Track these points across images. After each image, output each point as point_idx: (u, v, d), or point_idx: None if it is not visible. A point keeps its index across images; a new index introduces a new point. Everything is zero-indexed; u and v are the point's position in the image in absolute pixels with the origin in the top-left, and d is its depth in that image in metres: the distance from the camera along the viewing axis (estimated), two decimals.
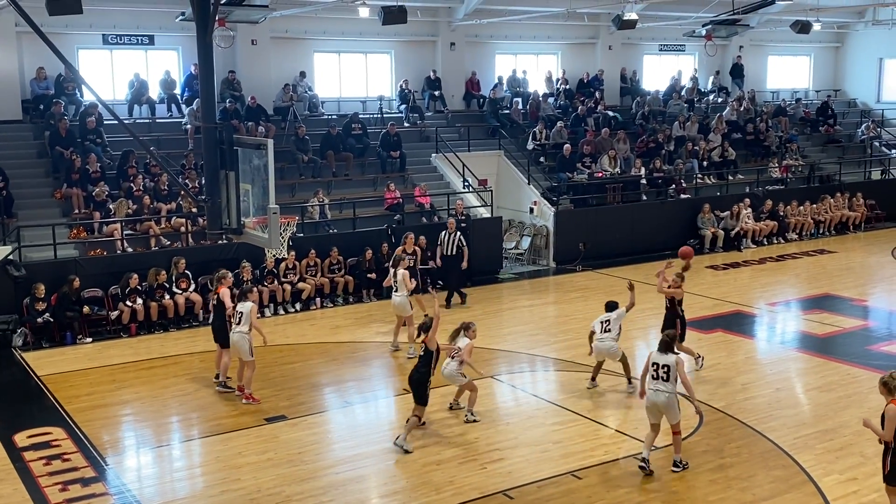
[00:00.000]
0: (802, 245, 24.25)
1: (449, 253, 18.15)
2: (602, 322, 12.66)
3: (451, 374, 11.50)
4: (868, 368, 13.70)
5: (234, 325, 12.51)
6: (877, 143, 29.68)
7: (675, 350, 10.26)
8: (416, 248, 17.42)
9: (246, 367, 12.49)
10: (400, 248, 16.83)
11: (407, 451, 10.60)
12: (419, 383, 10.80)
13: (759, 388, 13.02)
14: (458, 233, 18.31)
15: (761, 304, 17.99)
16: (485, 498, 9.54)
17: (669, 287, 13.25)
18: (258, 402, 12.36)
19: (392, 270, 14.83)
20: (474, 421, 11.52)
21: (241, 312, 12.43)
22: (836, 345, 15.25)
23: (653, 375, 9.99)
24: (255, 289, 14.71)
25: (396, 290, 14.52)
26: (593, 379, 13.01)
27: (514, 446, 10.93)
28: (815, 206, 25.59)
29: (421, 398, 10.84)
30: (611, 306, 12.87)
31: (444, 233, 18.31)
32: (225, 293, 12.78)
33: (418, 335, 11.41)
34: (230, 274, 13.50)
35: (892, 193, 28.10)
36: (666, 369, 9.89)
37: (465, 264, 18.23)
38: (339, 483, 10.00)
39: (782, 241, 24.46)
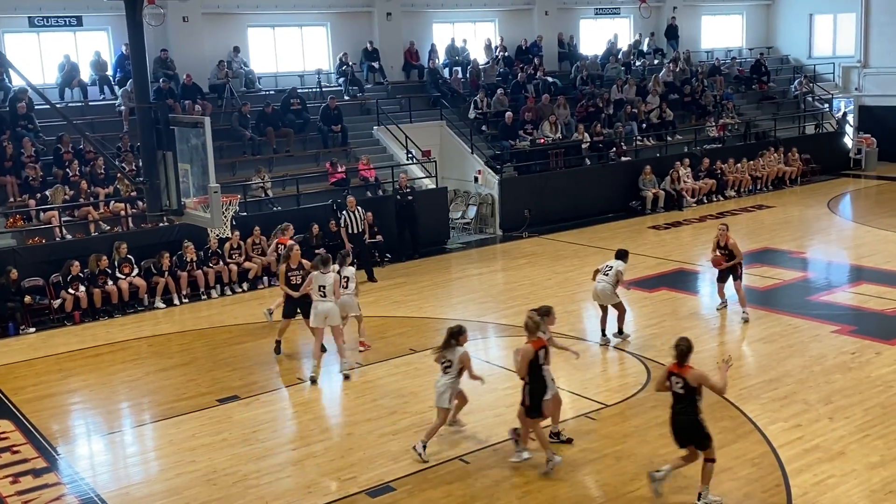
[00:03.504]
0: (741, 201, 24.74)
1: (356, 231, 18.07)
2: (605, 266, 13.22)
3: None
4: (809, 318, 14.11)
5: (341, 289, 12.83)
6: (810, 99, 30.29)
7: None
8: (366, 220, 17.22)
9: (359, 321, 13.57)
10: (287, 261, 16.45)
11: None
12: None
13: (704, 342, 13.30)
14: (359, 208, 18.27)
15: (703, 261, 18.33)
16: (442, 464, 9.64)
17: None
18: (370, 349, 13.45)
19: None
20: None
21: (347, 277, 13.09)
22: (776, 297, 15.64)
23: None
24: (351, 254, 14.43)
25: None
26: (603, 333, 13.36)
27: (468, 412, 11.00)
28: (751, 162, 26.11)
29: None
30: (619, 254, 13.36)
31: (346, 211, 18.13)
32: (282, 270, 13.46)
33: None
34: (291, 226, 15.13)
35: (826, 147, 28.82)
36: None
37: (367, 238, 18.40)
38: (296, 459, 10.02)
39: (721, 198, 24.93)
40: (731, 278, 14.22)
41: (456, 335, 9.78)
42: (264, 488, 9.32)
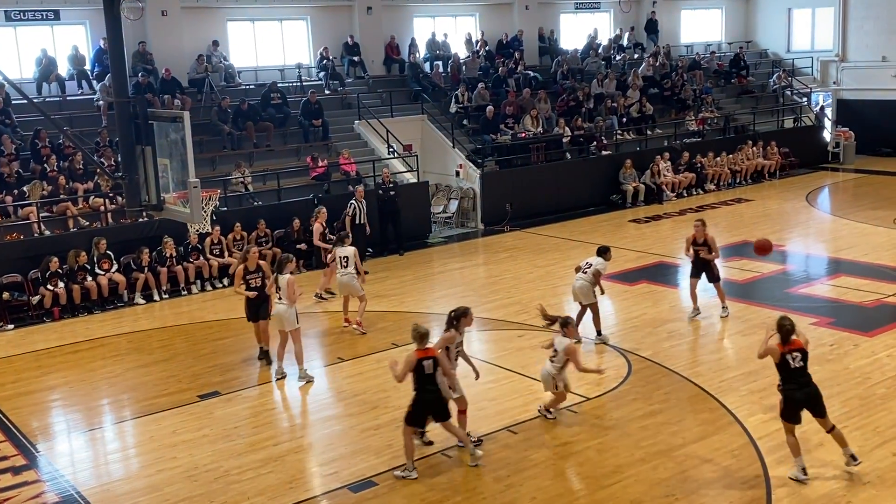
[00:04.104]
0: (720, 195, 24.88)
1: (360, 222, 18.18)
2: (585, 263, 13.09)
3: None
4: (787, 311, 14.12)
5: (340, 269, 13.78)
6: (788, 92, 30.50)
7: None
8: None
9: (360, 301, 13.83)
10: (317, 224, 16.74)
11: None
12: None
13: (683, 335, 13.41)
14: (364, 201, 18.39)
15: (683, 254, 18.40)
16: (424, 458, 9.66)
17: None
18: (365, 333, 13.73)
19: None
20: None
21: (346, 257, 13.58)
22: (756, 289, 15.75)
23: None
24: (350, 235, 14.67)
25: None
26: (598, 334, 13.20)
27: (450, 406, 11.04)
28: (731, 156, 26.27)
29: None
30: (600, 251, 13.20)
31: (354, 201, 18.22)
32: (317, 228, 14.07)
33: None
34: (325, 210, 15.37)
35: (805, 140, 29.02)
36: None
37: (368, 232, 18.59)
38: (278, 455, 10.00)
39: (701, 191, 25.06)
40: (704, 275, 13.96)
41: (563, 325, 10.23)
42: (246, 484, 9.29)
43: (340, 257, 13.91)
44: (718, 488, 8.77)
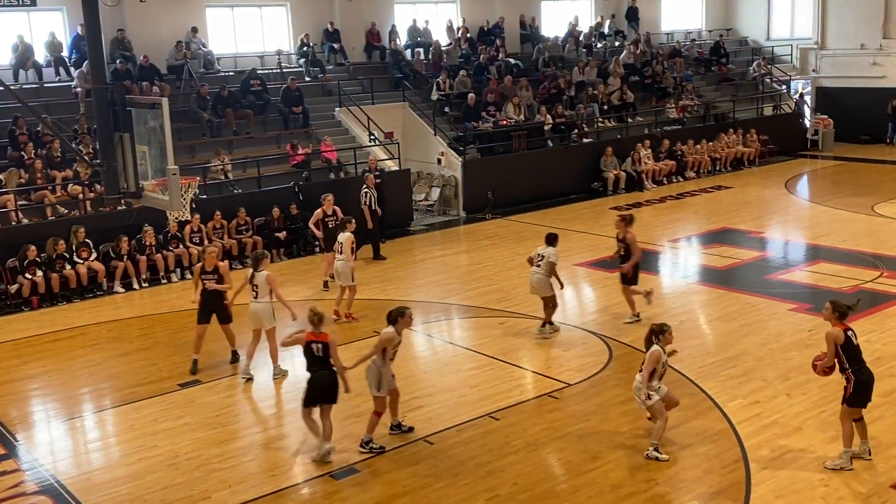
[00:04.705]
0: (700, 182, 25.00)
1: (373, 207, 18.04)
2: (537, 255, 12.84)
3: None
4: (766, 297, 14.33)
5: (338, 255, 13.78)
6: (768, 80, 30.63)
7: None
8: (335, 207, 16.33)
9: (349, 291, 13.81)
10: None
11: None
12: None
13: (664, 321, 13.38)
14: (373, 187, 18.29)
15: (664, 241, 18.54)
16: (406, 445, 9.68)
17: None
18: (357, 321, 13.72)
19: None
20: None
21: (341, 242, 13.59)
22: (735, 276, 15.86)
23: None
24: (353, 219, 14.38)
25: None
26: (543, 325, 12.96)
27: (432, 393, 11.09)
28: (711, 143, 26.39)
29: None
30: (550, 239, 12.89)
31: (365, 188, 18.14)
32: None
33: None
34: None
35: (784, 128, 29.20)
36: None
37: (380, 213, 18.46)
38: (260, 443, 10.00)
39: (681, 179, 25.17)
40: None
41: (656, 333, 9.21)
42: (228, 472, 9.28)
43: (338, 243, 13.98)
44: (698, 472, 8.84)
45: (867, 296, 14.27)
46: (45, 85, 20.47)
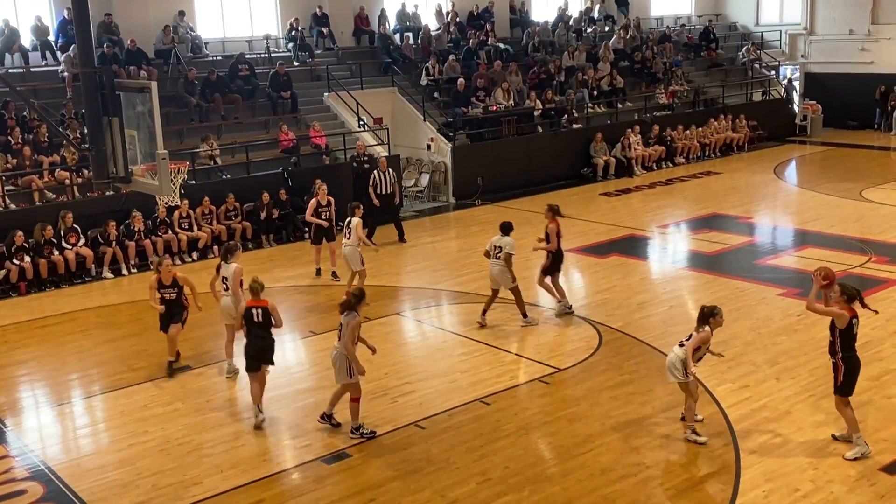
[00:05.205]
0: (690, 168, 25.05)
1: (386, 192, 18.06)
2: (494, 246, 12.60)
3: None
4: (755, 282, 14.40)
5: (344, 239, 13.95)
6: (757, 65, 30.66)
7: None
8: (329, 198, 15.74)
9: (358, 276, 13.89)
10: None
11: None
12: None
13: (653, 306, 13.53)
14: (391, 170, 18.30)
15: (653, 227, 18.58)
16: (397, 430, 9.69)
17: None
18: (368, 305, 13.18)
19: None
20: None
21: (350, 228, 13.84)
22: (724, 261, 15.92)
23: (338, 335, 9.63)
24: (360, 205, 14.42)
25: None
26: (483, 313, 12.80)
27: (423, 379, 11.10)
28: (700, 129, 26.42)
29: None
30: (504, 228, 12.66)
31: (376, 172, 18.10)
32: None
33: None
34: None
35: (773, 113, 29.27)
36: (340, 329, 9.52)
37: (397, 200, 18.68)
38: (251, 428, 9.98)
39: (671, 164, 25.21)
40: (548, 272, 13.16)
41: (708, 316, 9.16)
42: (219, 457, 9.28)
43: (347, 228, 13.98)
44: (689, 456, 8.90)
45: (855, 281, 14.34)
46: (32, 69, 20.29)
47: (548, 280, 13.23)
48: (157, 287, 11.46)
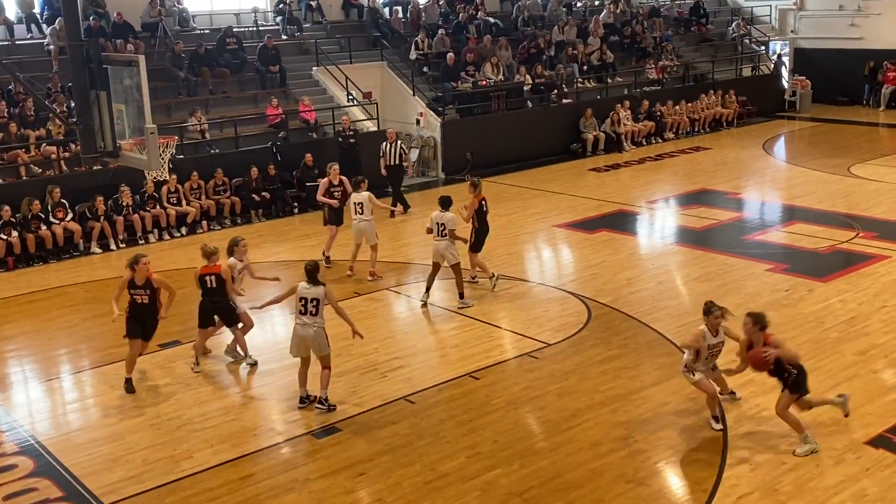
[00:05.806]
0: (679, 143, 25.05)
1: (393, 163, 18.24)
2: (435, 224, 12.50)
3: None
4: (743, 257, 14.46)
5: (354, 215, 13.82)
6: (747, 41, 30.59)
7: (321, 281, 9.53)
8: (342, 177, 15.14)
9: (371, 249, 13.93)
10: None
11: None
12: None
13: (642, 282, 13.58)
14: (399, 142, 18.38)
15: (642, 203, 18.60)
16: (387, 405, 9.73)
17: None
18: (381, 278, 13.97)
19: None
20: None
21: (361, 203, 13.72)
22: (713, 237, 15.97)
23: (300, 311, 9.48)
24: (365, 179, 14.22)
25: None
26: (427, 290, 12.70)
27: (413, 353, 11.14)
28: (689, 104, 26.38)
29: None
30: (444, 203, 12.53)
31: (385, 143, 18.32)
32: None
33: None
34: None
35: (763, 89, 29.23)
36: (315, 303, 9.42)
37: (409, 171, 19.04)
38: (241, 403, 10.02)
39: (660, 140, 25.20)
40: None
41: (704, 313, 8.92)
42: (210, 432, 9.30)
43: (355, 203, 13.83)
44: (676, 430, 8.97)
45: (843, 256, 14.43)
46: (17, 42, 20.07)
47: (478, 257, 13.23)
48: (128, 286, 10.19)
